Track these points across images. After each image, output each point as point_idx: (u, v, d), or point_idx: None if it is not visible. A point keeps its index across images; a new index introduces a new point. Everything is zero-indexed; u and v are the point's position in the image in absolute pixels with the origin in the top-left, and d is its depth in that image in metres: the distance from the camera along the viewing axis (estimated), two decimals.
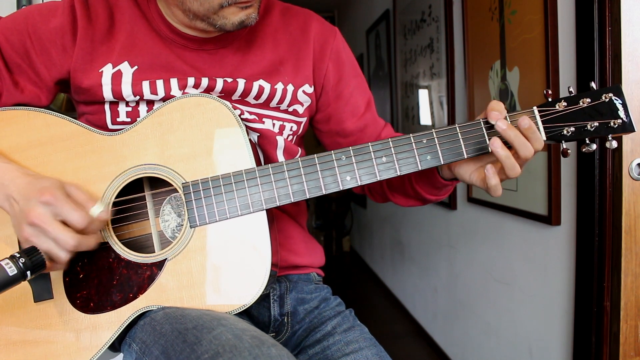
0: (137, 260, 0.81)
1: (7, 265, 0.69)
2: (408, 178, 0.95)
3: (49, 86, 0.88)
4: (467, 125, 0.81)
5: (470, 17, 2.06)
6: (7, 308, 0.81)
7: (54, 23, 0.85)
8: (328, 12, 5.19)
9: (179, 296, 0.80)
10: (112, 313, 0.80)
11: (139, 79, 0.86)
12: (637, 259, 1.29)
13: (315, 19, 1.01)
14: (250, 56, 0.93)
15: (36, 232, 0.72)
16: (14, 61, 0.85)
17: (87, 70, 0.86)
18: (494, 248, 2.00)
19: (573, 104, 0.80)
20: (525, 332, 1.79)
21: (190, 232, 0.81)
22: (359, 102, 1.02)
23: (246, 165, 0.81)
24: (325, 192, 0.80)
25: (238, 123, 0.82)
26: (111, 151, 0.82)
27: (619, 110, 0.78)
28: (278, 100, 0.94)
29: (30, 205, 0.72)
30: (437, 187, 0.93)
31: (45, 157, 0.82)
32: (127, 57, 0.87)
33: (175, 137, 0.82)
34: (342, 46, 1.01)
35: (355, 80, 1.03)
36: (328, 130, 1.03)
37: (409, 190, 0.97)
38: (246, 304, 0.79)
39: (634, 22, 1.25)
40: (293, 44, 0.96)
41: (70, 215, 0.73)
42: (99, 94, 0.86)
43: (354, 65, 1.03)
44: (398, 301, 3.36)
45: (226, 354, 0.63)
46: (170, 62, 0.89)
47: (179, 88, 0.87)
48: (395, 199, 1.02)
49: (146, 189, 0.88)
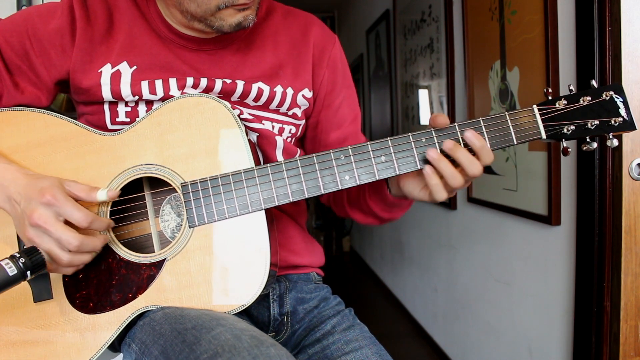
0: (136, 261, 0.81)
1: (7, 265, 0.69)
2: (363, 193, 0.95)
3: (49, 87, 0.88)
4: (468, 124, 0.80)
5: (470, 17, 2.06)
6: (6, 308, 0.81)
7: (53, 24, 0.85)
8: (328, 12, 5.19)
9: (178, 296, 0.80)
10: (111, 313, 0.80)
11: (137, 79, 0.86)
12: (637, 259, 1.29)
13: (316, 24, 1.00)
14: (250, 58, 0.93)
15: (39, 233, 0.72)
16: (14, 63, 0.85)
17: (87, 70, 0.86)
18: (494, 248, 2.00)
19: (573, 102, 0.79)
20: (525, 332, 1.79)
21: (189, 232, 0.81)
22: (345, 115, 1.02)
23: (245, 166, 0.81)
24: (324, 192, 0.80)
25: (237, 123, 0.82)
26: (110, 151, 0.82)
27: (619, 108, 0.77)
28: (277, 103, 0.94)
29: (32, 206, 0.72)
30: (387, 203, 0.92)
31: (44, 157, 0.82)
32: (126, 57, 0.87)
33: (174, 137, 0.82)
34: (339, 55, 1.02)
35: (346, 92, 1.03)
36: (313, 137, 1.03)
37: (364, 206, 0.96)
38: (245, 303, 0.79)
39: (634, 22, 1.25)
40: (293, 47, 0.96)
41: (73, 214, 0.73)
42: (98, 94, 0.86)
43: (347, 76, 1.04)
44: (398, 301, 3.36)
45: (225, 354, 0.63)
46: (169, 62, 0.88)
47: (177, 88, 0.87)
48: (354, 214, 1.01)
49: (146, 189, 0.88)
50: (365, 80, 4.19)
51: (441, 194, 0.79)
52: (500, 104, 1.84)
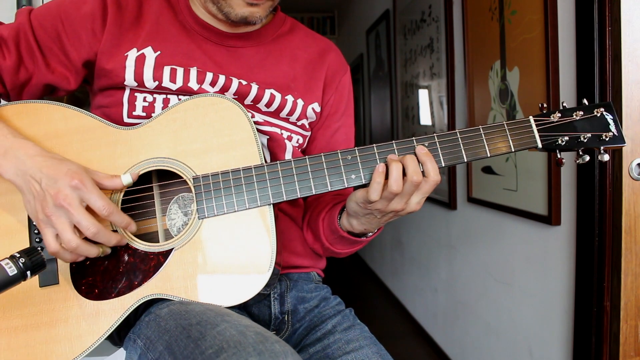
0: (144, 249, 0.82)
1: (7, 265, 0.69)
2: (322, 214, 0.97)
3: (77, 68, 0.91)
4: (468, 131, 0.84)
5: (470, 17, 2.06)
6: (11, 291, 0.81)
7: (85, 9, 0.89)
8: (328, 12, 5.19)
9: (184, 285, 0.81)
10: (116, 300, 0.81)
11: (161, 63, 0.90)
12: (637, 259, 1.29)
13: (334, 50, 1.06)
14: (267, 63, 0.97)
15: (59, 213, 0.74)
16: (47, 44, 0.89)
17: (113, 53, 0.89)
18: (494, 248, 2.00)
19: (567, 116, 0.84)
20: (525, 332, 1.79)
21: (199, 223, 0.82)
22: (340, 141, 1.06)
23: (256, 163, 0.84)
24: (330, 189, 0.83)
25: (249, 122, 0.85)
26: (125, 144, 0.85)
27: (609, 124, 0.83)
28: (288, 112, 0.97)
29: (58, 186, 0.74)
30: (335, 234, 0.93)
31: (61, 148, 0.84)
32: (151, 43, 0.91)
33: (188, 134, 0.85)
34: (348, 84, 1.06)
35: (346, 120, 1.07)
36: (308, 152, 1.06)
37: (318, 227, 0.97)
38: (249, 295, 0.80)
39: (634, 22, 1.25)
40: (309, 63, 1.01)
41: (97, 201, 0.75)
42: (121, 75, 0.89)
43: (350, 106, 1.08)
44: (398, 301, 3.36)
45: (230, 349, 0.63)
46: (192, 50, 0.93)
47: (197, 82, 0.90)
48: (307, 234, 1.03)
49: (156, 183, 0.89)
50: (365, 80, 4.19)
51: (376, 194, 0.79)
52: (500, 104, 1.84)
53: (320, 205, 1.00)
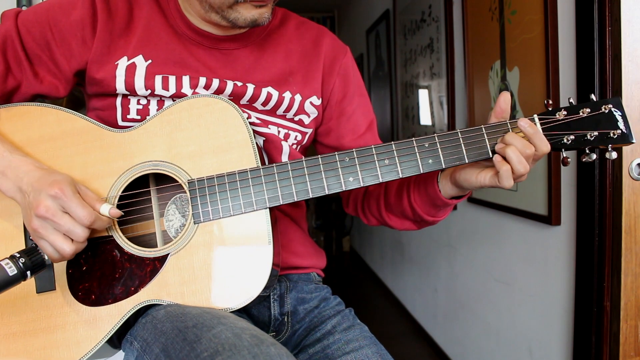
0: (140, 255, 0.82)
1: (7, 265, 0.70)
2: (407, 196, 0.95)
3: (68, 77, 0.89)
4: (469, 131, 0.82)
5: (470, 17, 2.06)
6: (8, 298, 0.81)
7: (75, 16, 0.87)
8: (328, 12, 5.19)
9: (180, 291, 0.80)
10: (113, 306, 0.80)
11: (152, 73, 0.88)
12: (637, 259, 1.29)
13: (328, 35, 1.03)
14: (262, 62, 0.95)
15: (44, 224, 0.73)
16: (35, 52, 0.87)
17: (104, 62, 0.87)
18: (494, 248, 2.00)
19: (573, 113, 0.80)
20: (525, 332, 1.79)
21: (194, 228, 0.81)
22: (360, 121, 1.03)
23: (251, 165, 0.82)
24: (328, 192, 0.81)
25: (245, 124, 0.83)
26: (119, 147, 0.84)
27: (618, 121, 0.79)
28: (285, 109, 0.95)
29: (40, 197, 0.73)
30: (437, 205, 0.92)
31: (55, 151, 0.84)
32: (142, 51, 0.88)
33: (183, 136, 0.84)
34: (350, 64, 1.03)
35: (360, 99, 1.04)
36: (327, 144, 1.05)
37: (406, 209, 0.96)
38: (247, 300, 0.80)
39: (634, 22, 1.25)
40: (304, 56, 0.98)
41: (77, 210, 0.74)
42: (112, 85, 0.87)
43: (360, 84, 1.05)
44: (398, 301, 3.36)
45: (225, 352, 0.63)
46: (184, 58, 0.90)
47: (190, 87, 0.89)
48: (391, 220, 1.01)
49: (152, 187, 0.88)
50: (365, 80, 4.19)
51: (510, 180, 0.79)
52: None
53: (392, 190, 0.98)
